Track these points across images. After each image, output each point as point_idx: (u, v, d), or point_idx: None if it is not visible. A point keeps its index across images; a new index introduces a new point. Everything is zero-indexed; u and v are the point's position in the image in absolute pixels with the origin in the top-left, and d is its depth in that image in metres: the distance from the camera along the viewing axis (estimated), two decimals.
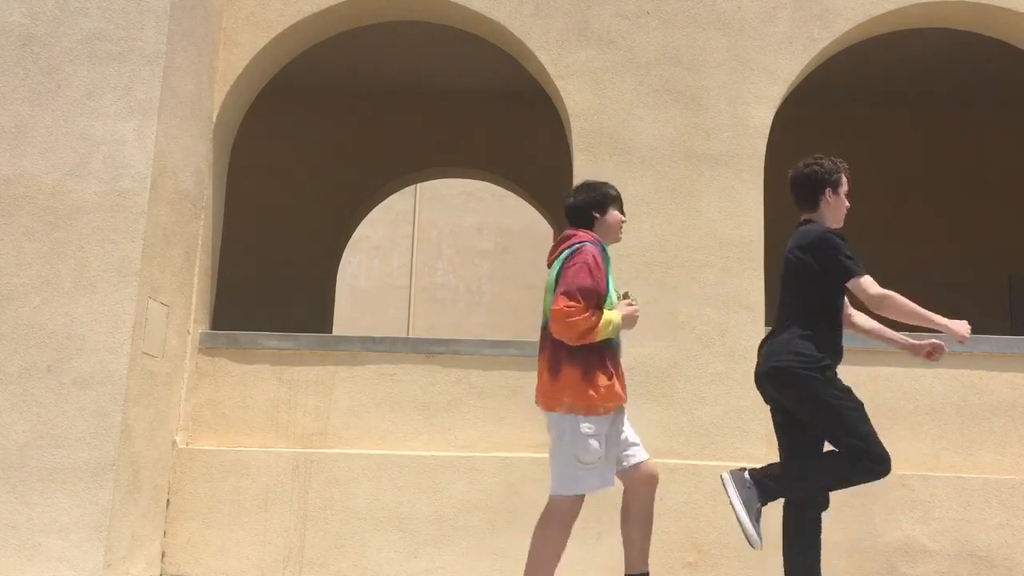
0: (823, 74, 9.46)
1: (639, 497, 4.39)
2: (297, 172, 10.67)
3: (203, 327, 6.72)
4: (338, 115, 10.74)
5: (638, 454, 4.40)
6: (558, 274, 4.27)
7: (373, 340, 6.59)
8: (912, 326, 5.88)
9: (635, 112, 6.70)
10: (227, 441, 6.49)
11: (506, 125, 10.60)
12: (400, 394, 6.51)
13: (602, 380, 4.18)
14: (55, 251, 5.80)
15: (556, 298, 4.16)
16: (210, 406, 6.53)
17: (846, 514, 6.10)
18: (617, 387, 4.23)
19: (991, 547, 6.05)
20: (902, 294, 4.47)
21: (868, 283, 4.12)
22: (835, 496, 6.12)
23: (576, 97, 6.73)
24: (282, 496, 6.28)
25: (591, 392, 4.15)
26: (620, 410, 4.35)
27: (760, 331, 6.34)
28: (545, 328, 4.30)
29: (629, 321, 4.30)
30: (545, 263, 4.79)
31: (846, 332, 4.43)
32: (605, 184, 4.50)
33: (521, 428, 6.39)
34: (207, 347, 6.59)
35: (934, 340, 4.44)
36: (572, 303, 4.12)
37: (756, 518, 4.11)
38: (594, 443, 4.16)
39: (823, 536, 6.10)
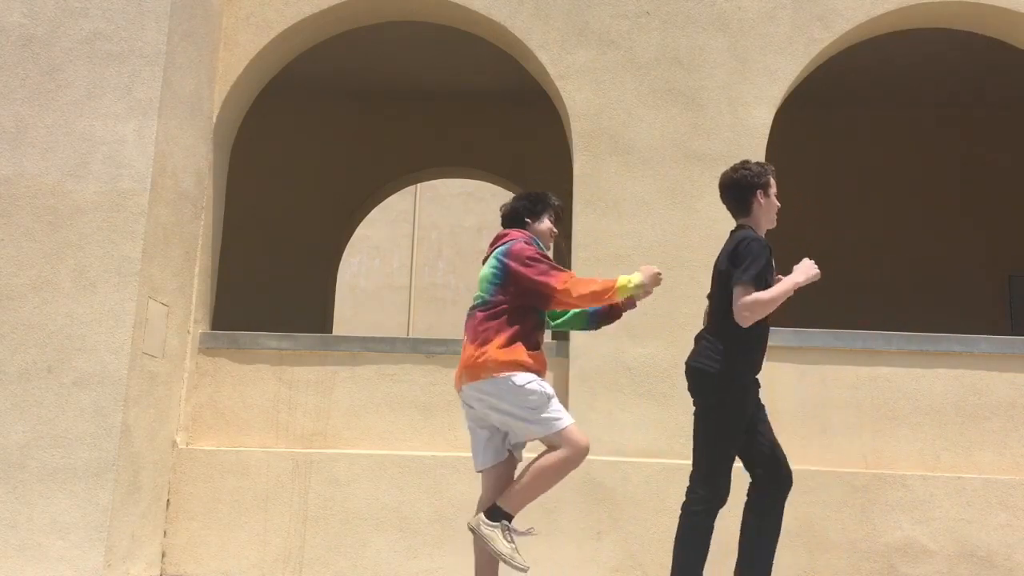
0: (823, 74, 9.46)
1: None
2: (297, 172, 10.67)
3: (203, 327, 6.72)
4: (338, 115, 10.74)
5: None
6: (498, 267, 4.42)
7: (373, 340, 6.59)
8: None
9: (635, 112, 6.70)
10: (227, 441, 6.49)
11: (506, 125, 10.60)
12: (400, 394, 6.51)
13: (527, 348, 4.33)
14: (55, 251, 5.81)
15: (550, 284, 4.30)
16: (210, 406, 6.53)
17: (846, 514, 6.11)
18: (542, 359, 4.38)
19: (991, 547, 6.06)
20: (901, 294, 4.48)
21: (739, 294, 4.18)
22: (835, 496, 6.13)
23: (576, 97, 6.74)
24: (282, 496, 6.28)
25: (516, 355, 4.29)
26: None
27: None
28: (473, 312, 4.45)
29: (651, 282, 4.38)
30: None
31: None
32: (544, 194, 4.74)
33: None
34: (207, 347, 6.59)
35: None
36: (563, 273, 4.32)
37: None
38: (533, 384, 4.25)
39: (824, 535, 6.11)
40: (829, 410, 6.36)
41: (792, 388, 6.34)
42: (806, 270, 4.28)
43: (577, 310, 4.64)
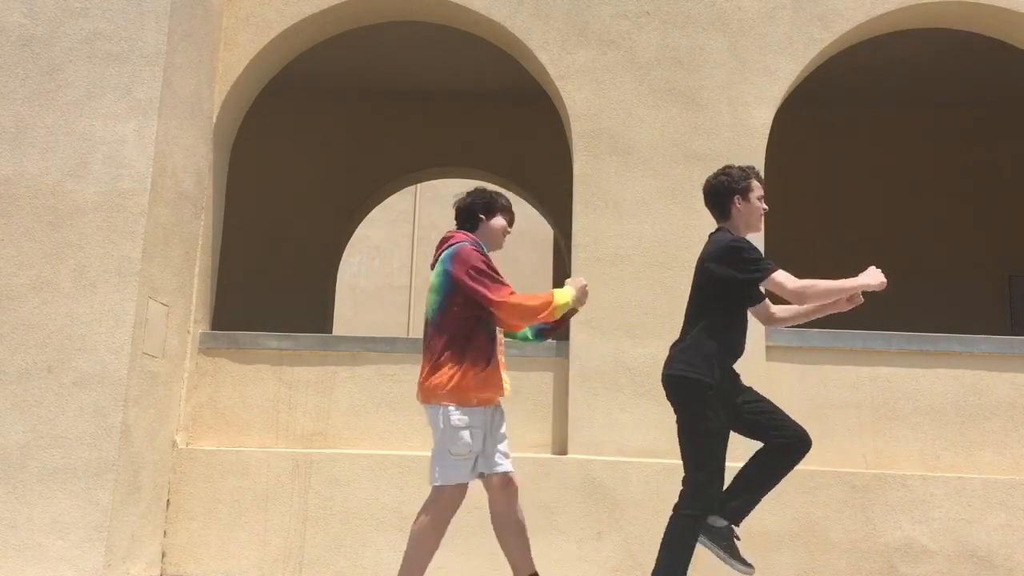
0: (823, 74, 9.46)
1: (500, 504, 4.43)
2: (297, 172, 10.67)
3: (203, 327, 6.72)
4: (338, 115, 10.74)
5: (503, 464, 4.44)
6: (443, 275, 4.38)
7: (373, 340, 6.59)
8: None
9: (635, 112, 6.70)
10: (227, 441, 6.49)
11: (506, 125, 10.60)
12: (400, 394, 6.51)
13: (478, 371, 4.30)
14: (55, 251, 5.81)
15: (487, 296, 4.27)
16: (210, 406, 6.53)
17: (846, 514, 6.11)
18: (494, 378, 4.35)
19: (991, 547, 6.06)
20: (901, 294, 4.48)
21: (783, 278, 4.19)
22: (835, 496, 6.13)
23: (576, 97, 6.74)
24: (282, 496, 6.28)
25: (465, 383, 4.28)
26: (499, 408, 4.46)
27: (760, 332, 6.34)
28: (427, 325, 4.42)
29: (582, 296, 4.40)
30: (545, 264, 4.86)
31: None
32: (497, 193, 4.67)
33: (520, 428, 6.40)
34: (207, 347, 6.59)
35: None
36: (503, 288, 4.28)
37: (730, 553, 4.26)
38: (465, 435, 4.27)
39: (824, 535, 6.11)
40: (829, 410, 6.36)
41: (792, 388, 6.35)
42: (875, 276, 4.23)
43: None
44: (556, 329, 4.65)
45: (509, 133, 10.59)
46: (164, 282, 6.12)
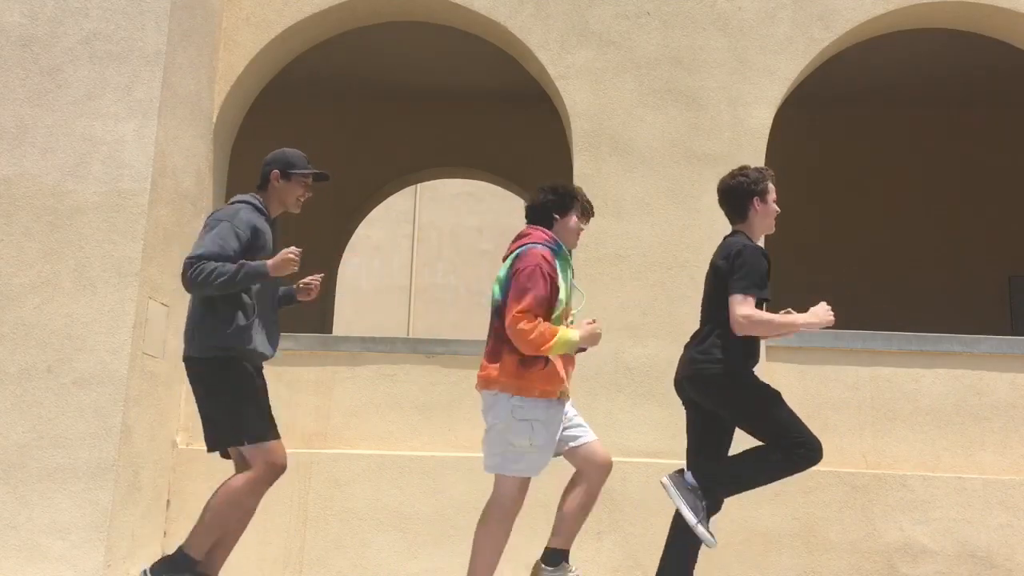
0: (823, 74, 9.46)
1: (587, 479, 4.39)
2: None
3: None
4: (338, 115, 10.73)
5: (585, 435, 4.38)
6: (509, 272, 4.25)
7: (373, 340, 6.59)
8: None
9: (635, 112, 6.70)
10: None
11: (506, 125, 10.60)
12: (400, 394, 6.51)
13: (540, 365, 4.14)
14: (55, 251, 5.81)
15: (509, 307, 4.13)
16: None
17: (846, 514, 6.11)
18: (556, 372, 4.17)
19: (991, 547, 6.06)
20: (902, 294, 4.46)
21: (738, 301, 4.15)
22: (835, 497, 6.13)
23: (576, 97, 6.74)
24: (282, 496, 6.28)
25: (527, 373, 4.12)
26: (561, 402, 4.28)
27: None
28: (493, 313, 4.29)
29: (591, 339, 4.26)
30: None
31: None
32: (572, 187, 4.49)
33: None
34: None
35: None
36: (524, 311, 4.09)
37: (705, 518, 4.17)
38: (526, 427, 4.12)
39: (824, 536, 6.11)
40: (829, 410, 6.36)
41: (792, 388, 6.34)
42: (821, 316, 4.22)
43: None
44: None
45: (509, 133, 10.59)
46: (164, 282, 6.12)
